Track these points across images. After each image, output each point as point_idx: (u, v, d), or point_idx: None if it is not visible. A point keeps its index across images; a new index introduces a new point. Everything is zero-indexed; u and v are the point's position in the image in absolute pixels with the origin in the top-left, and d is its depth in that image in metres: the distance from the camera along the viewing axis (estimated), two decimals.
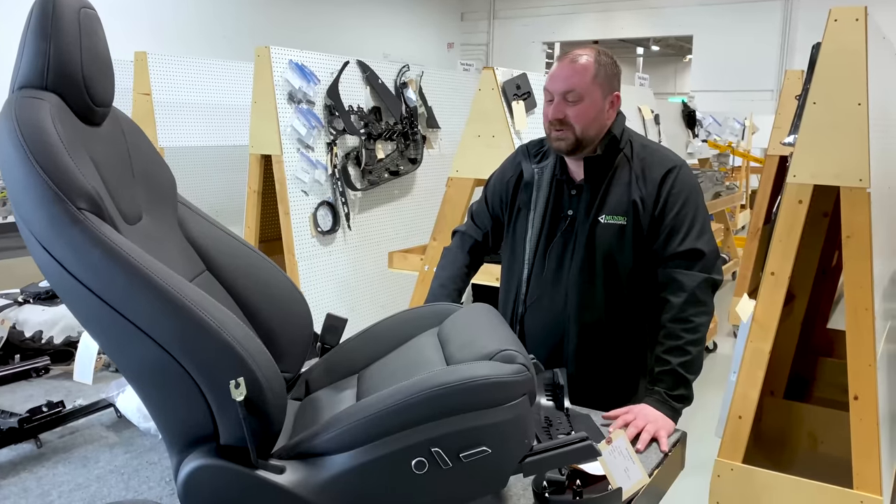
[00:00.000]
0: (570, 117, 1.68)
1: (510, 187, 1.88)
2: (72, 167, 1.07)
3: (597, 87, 1.69)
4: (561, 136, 1.70)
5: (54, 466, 1.37)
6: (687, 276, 1.65)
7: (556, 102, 1.69)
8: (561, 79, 1.69)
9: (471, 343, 1.27)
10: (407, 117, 4.08)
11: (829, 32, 2.19)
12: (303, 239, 3.63)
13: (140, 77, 4.11)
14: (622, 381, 1.79)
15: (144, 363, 1.08)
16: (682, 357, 1.63)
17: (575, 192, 1.77)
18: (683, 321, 1.64)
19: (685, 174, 1.73)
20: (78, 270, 1.05)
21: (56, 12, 1.15)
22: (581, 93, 1.67)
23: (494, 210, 1.93)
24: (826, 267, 3.21)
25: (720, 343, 5.06)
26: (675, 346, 1.64)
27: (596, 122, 1.71)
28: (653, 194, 1.69)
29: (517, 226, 1.86)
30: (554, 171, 1.80)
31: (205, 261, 1.44)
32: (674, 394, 1.62)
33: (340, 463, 1.10)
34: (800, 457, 2.92)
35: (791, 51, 11.17)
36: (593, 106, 1.69)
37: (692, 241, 1.67)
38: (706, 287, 1.65)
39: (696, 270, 1.65)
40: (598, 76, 1.69)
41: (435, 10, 13.53)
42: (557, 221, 1.79)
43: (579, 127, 1.69)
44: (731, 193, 6.88)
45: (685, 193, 1.69)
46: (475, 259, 1.95)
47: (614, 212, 1.72)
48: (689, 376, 1.64)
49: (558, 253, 1.78)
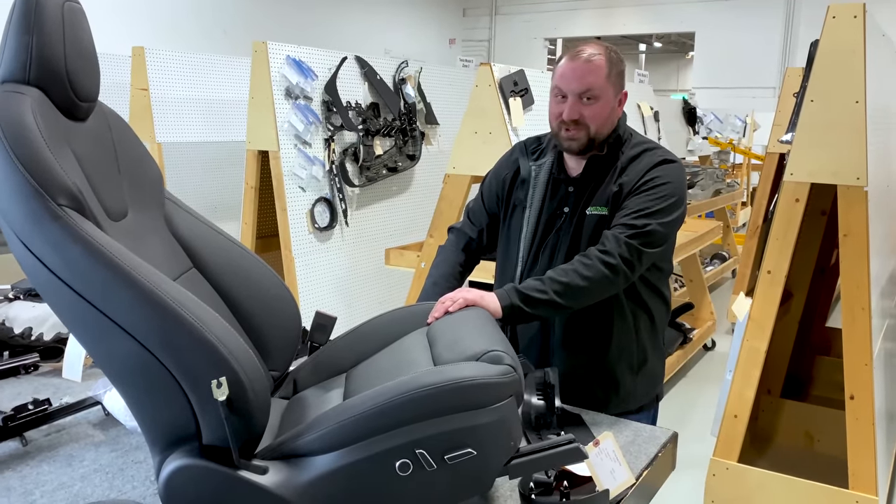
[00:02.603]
0: (586, 117, 1.66)
1: (506, 184, 1.87)
2: (52, 162, 1.06)
3: (610, 86, 1.66)
4: (573, 135, 1.68)
5: (39, 465, 1.36)
6: (615, 235, 1.60)
7: (571, 102, 1.66)
8: (576, 78, 1.65)
9: (458, 343, 1.26)
10: (405, 113, 4.06)
11: (828, 30, 2.17)
12: (300, 235, 3.61)
13: (137, 72, 4.10)
14: (606, 374, 1.77)
15: (126, 361, 1.07)
16: (560, 275, 1.56)
17: (572, 189, 1.76)
18: (585, 257, 1.59)
19: (675, 168, 1.70)
20: (58, 267, 1.04)
21: (39, 6, 1.14)
22: (597, 92, 1.64)
23: (490, 207, 1.91)
24: (825, 265, 3.20)
25: (718, 341, 5.05)
26: (563, 266, 1.59)
27: (609, 121, 1.69)
28: (633, 180, 1.67)
29: (512, 223, 1.85)
30: (551, 169, 1.79)
31: (192, 257, 1.42)
32: (523, 289, 1.54)
33: (324, 464, 1.08)
34: (796, 456, 2.90)
35: (793, 48, 11.14)
36: (607, 105, 1.67)
37: (638, 217, 1.62)
38: (625, 248, 1.58)
39: (625, 236, 1.60)
40: (611, 75, 1.66)
41: (436, 6, 13.49)
42: (553, 219, 1.77)
43: (594, 127, 1.66)
44: (731, 191, 6.85)
45: (660, 181, 1.66)
46: (470, 257, 1.93)
47: (598, 202, 1.70)
48: (550, 290, 1.54)
49: (551, 250, 1.77)
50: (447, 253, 1.92)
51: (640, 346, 1.78)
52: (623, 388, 1.78)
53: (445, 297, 1.50)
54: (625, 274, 1.60)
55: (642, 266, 1.64)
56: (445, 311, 1.45)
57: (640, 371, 1.80)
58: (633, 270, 1.61)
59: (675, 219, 1.68)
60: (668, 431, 1.56)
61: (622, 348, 1.76)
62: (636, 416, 1.77)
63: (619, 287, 1.65)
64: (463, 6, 14.25)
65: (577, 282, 1.56)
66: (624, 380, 1.78)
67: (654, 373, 1.85)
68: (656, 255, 1.67)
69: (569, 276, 1.57)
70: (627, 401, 1.80)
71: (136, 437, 1.47)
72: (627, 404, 1.79)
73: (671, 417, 3.89)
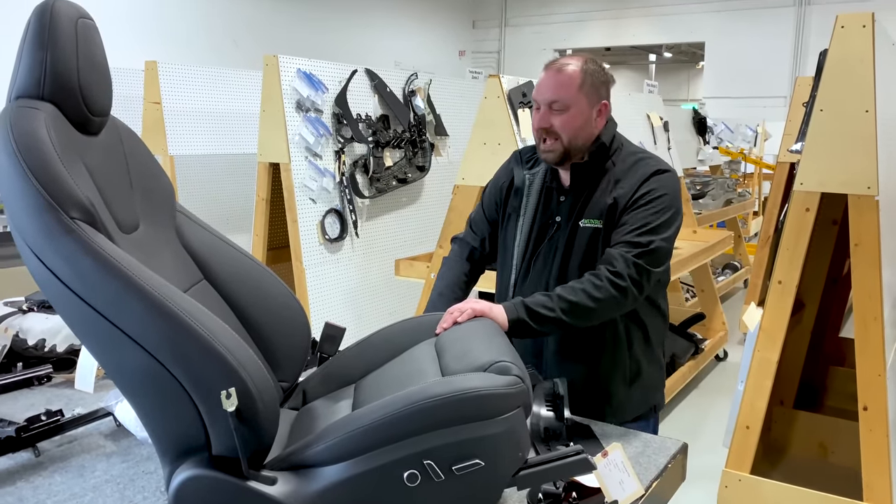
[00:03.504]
0: (557, 126, 1.68)
1: (503, 192, 1.89)
2: (65, 176, 1.07)
3: (583, 97, 1.68)
4: (549, 147, 1.70)
5: (51, 475, 1.37)
6: (622, 255, 1.61)
7: (542, 112, 1.69)
8: (546, 88, 1.68)
9: (466, 354, 1.26)
10: (415, 125, 4.08)
11: (836, 39, 2.17)
12: (311, 246, 3.63)
13: (150, 86, 4.14)
14: (599, 386, 1.77)
15: (136, 372, 1.08)
16: (568, 293, 1.57)
17: (563, 199, 1.78)
18: (595, 277, 1.59)
19: (669, 178, 1.71)
20: (69, 279, 1.05)
21: (53, 22, 1.16)
22: (567, 102, 1.67)
23: (490, 215, 1.93)
24: (837, 275, 3.18)
25: (730, 351, 5.01)
26: (572, 285, 1.59)
27: (583, 131, 1.70)
28: (629, 192, 1.67)
29: (507, 231, 1.87)
30: (545, 177, 1.81)
31: (202, 270, 1.44)
32: (530, 304, 1.55)
33: (332, 474, 1.09)
34: (809, 467, 2.88)
35: (804, 57, 11.09)
36: (580, 115, 1.68)
37: (641, 234, 1.63)
38: (634, 269, 1.59)
39: (632, 256, 1.60)
40: (585, 85, 1.68)
41: (446, 18, 13.56)
42: (546, 228, 1.79)
43: (566, 136, 1.68)
44: (742, 200, 6.83)
45: (657, 193, 1.66)
46: (475, 267, 1.93)
47: (591, 215, 1.71)
48: (557, 308, 1.55)
49: (544, 258, 1.78)
50: (451, 263, 1.93)
51: (634, 358, 1.78)
52: (616, 399, 1.77)
53: (454, 307, 1.50)
54: (633, 296, 1.61)
55: (650, 286, 1.64)
56: (454, 321, 1.46)
57: (634, 383, 1.79)
58: (641, 292, 1.62)
59: (674, 231, 1.68)
60: (677, 442, 1.56)
61: (615, 360, 1.76)
62: (632, 425, 1.76)
63: (627, 308, 1.65)
64: (472, 18, 14.31)
65: (585, 302, 1.57)
66: (617, 391, 1.77)
67: (649, 384, 1.84)
68: (662, 273, 1.67)
69: (578, 295, 1.57)
70: (621, 412, 1.79)
71: (147, 448, 1.48)
72: (622, 415, 1.78)
73: (683, 428, 3.88)
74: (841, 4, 10.12)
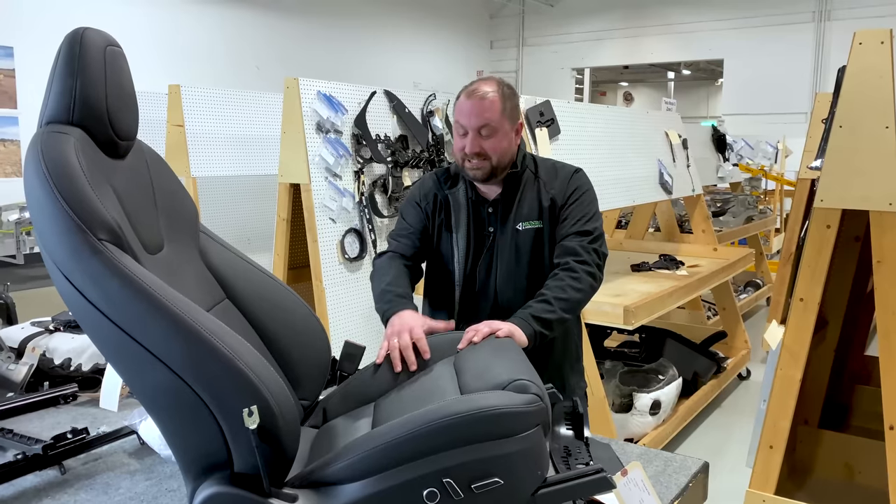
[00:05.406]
0: (487, 149, 1.78)
1: (428, 211, 1.93)
2: (93, 199, 1.10)
3: (506, 120, 1.79)
4: (477, 165, 1.80)
5: (76, 493, 1.39)
6: (580, 245, 1.79)
7: (471, 137, 1.78)
8: (474, 114, 1.77)
9: (485, 372, 1.27)
10: (433, 145, 4.11)
11: (854, 55, 2.17)
12: (330, 266, 3.66)
13: (173, 109, 4.22)
14: (553, 374, 1.84)
15: (160, 390, 1.10)
16: (559, 293, 1.70)
17: (491, 210, 1.87)
18: (570, 270, 1.75)
19: (584, 174, 1.92)
20: (97, 299, 1.08)
21: (83, 51, 1.20)
22: (494, 126, 1.77)
23: (416, 224, 1.93)
24: (861, 292, 3.14)
25: (753, 370, 4.95)
26: (556, 284, 1.73)
27: (509, 150, 1.83)
28: (562, 191, 1.85)
29: (442, 246, 1.92)
30: (467, 194, 1.89)
31: (225, 289, 1.46)
32: (537, 314, 1.66)
33: (352, 492, 1.10)
34: (836, 488, 2.82)
35: (825, 73, 11.04)
36: (505, 137, 1.80)
37: (586, 223, 1.82)
38: (594, 255, 1.78)
39: (588, 243, 1.79)
40: (506, 109, 1.79)
41: (464, 38, 13.69)
42: (482, 239, 1.88)
43: (496, 157, 1.80)
44: (764, 217, 6.78)
45: (584, 188, 1.87)
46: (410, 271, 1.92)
47: (528, 218, 1.85)
48: (558, 309, 1.68)
49: (485, 268, 1.87)
50: (386, 264, 1.89)
51: (575, 342, 1.97)
52: (567, 386, 1.92)
53: (472, 327, 1.52)
54: (600, 278, 1.80)
55: (604, 266, 1.83)
56: (470, 341, 1.48)
57: (574, 367, 1.98)
58: (602, 273, 1.81)
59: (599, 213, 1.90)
60: (698, 461, 1.55)
61: (564, 348, 1.92)
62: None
63: (597, 290, 1.82)
64: (490, 38, 14.43)
65: (575, 295, 1.72)
66: (568, 377, 1.94)
67: (582, 365, 2.04)
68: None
69: (567, 291, 1.71)
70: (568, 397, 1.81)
71: (171, 466, 1.50)
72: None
73: (705, 448, 3.83)
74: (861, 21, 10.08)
